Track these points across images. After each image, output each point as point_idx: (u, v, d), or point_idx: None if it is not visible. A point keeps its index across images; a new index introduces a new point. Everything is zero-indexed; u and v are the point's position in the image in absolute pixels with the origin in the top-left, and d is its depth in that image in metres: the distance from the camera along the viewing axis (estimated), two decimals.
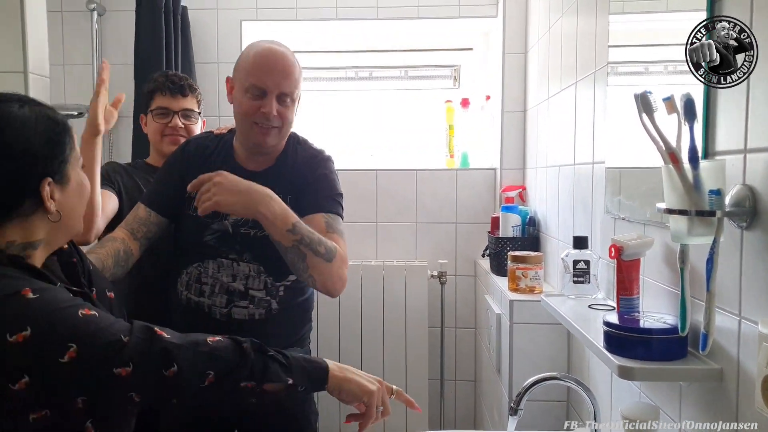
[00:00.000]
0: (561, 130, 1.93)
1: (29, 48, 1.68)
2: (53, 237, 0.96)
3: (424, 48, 2.84)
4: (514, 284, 1.92)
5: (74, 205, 0.98)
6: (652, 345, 0.98)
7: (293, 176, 1.49)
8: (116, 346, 0.86)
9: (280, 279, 1.45)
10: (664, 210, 0.90)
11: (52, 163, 0.92)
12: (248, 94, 1.41)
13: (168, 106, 1.85)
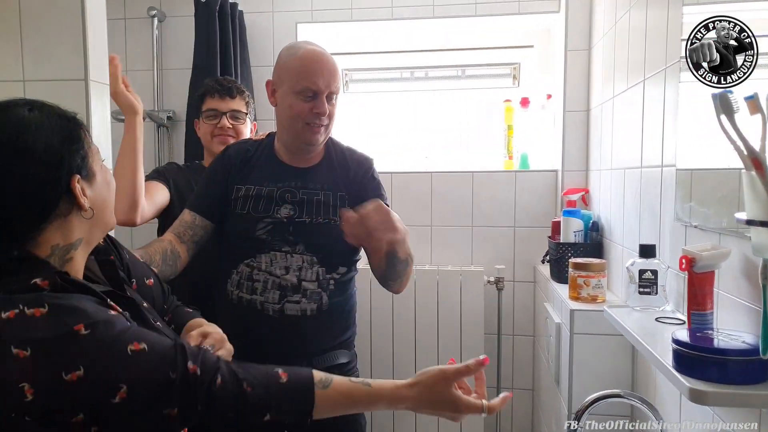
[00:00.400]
0: (627, 130, 1.82)
1: (90, 56, 1.72)
2: (91, 235, 0.96)
3: (483, 46, 2.77)
4: (576, 293, 1.82)
5: (105, 199, 0.97)
6: (728, 367, 0.90)
7: (343, 175, 1.55)
8: (164, 386, 0.85)
9: (331, 271, 1.48)
10: (744, 221, 0.81)
11: (75, 160, 0.91)
12: (300, 96, 1.44)
13: (217, 107, 1.91)
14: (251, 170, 1.54)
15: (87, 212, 0.92)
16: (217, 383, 0.89)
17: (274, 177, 1.52)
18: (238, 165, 1.55)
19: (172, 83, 2.75)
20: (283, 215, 1.48)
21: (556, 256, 2.14)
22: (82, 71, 1.71)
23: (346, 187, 1.54)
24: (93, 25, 1.73)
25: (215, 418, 0.89)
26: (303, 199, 1.50)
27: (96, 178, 0.95)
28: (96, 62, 1.75)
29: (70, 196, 0.90)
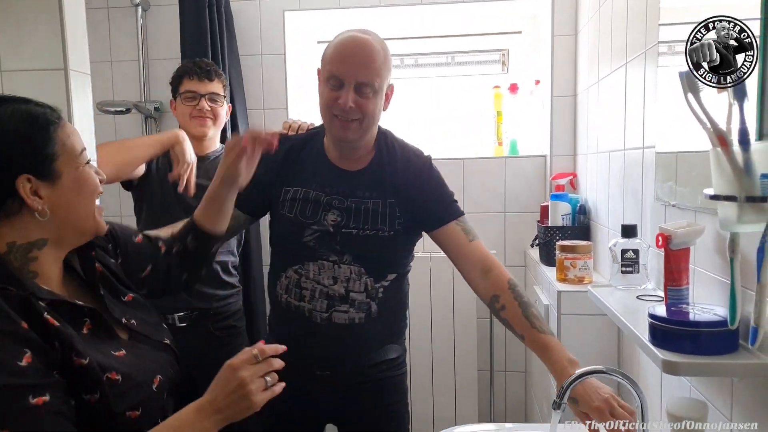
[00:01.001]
0: (611, 114, 1.85)
1: (69, 45, 1.70)
2: (58, 236, 0.93)
3: (471, 33, 2.78)
4: (563, 274, 1.86)
5: (72, 202, 0.94)
6: (699, 338, 0.93)
7: (395, 180, 1.44)
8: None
9: (380, 279, 1.43)
10: (710, 196, 0.84)
11: (30, 160, 0.89)
12: (328, 83, 1.34)
13: (196, 89, 1.94)
14: (300, 169, 1.46)
15: (41, 212, 0.90)
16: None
17: (322, 180, 1.44)
18: (285, 162, 1.47)
19: (158, 74, 2.75)
20: (330, 222, 1.41)
21: (544, 239, 2.18)
22: (61, 60, 1.70)
23: (396, 191, 1.43)
24: (71, 12, 1.70)
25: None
26: (350, 206, 1.41)
27: (61, 180, 0.92)
28: (75, 51, 1.72)
29: (18, 195, 0.88)
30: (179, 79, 1.98)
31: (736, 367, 0.90)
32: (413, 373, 2.51)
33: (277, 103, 2.67)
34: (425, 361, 2.52)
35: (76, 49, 1.73)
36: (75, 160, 0.95)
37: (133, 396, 0.92)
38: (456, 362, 2.53)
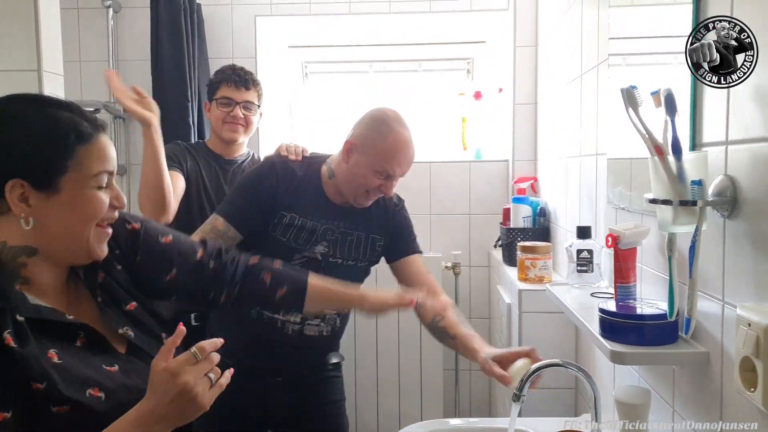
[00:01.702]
0: (568, 122, 1.95)
1: (43, 46, 1.70)
2: (48, 249, 0.91)
3: (438, 41, 2.87)
4: (524, 274, 1.95)
5: (64, 220, 0.91)
6: (643, 330, 1.02)
7: (381, 221, 1.66)
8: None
9: None
10: (650, 200, 0.93)
11: (30, 166, 0.88)
12: (376, 174, 1.52)
13: (232, 96, 2.01)
14: (298, 197, 1.56)
15: (26, 221, 0.88)
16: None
17: (320, 213, 1.57)
18: (284, 185, 1.56)
19: (128, 74, 2.75)
20: (319, 252, 1.56)
21: (507, 240, 2.27)
22: (35, 62, 1.71)
23: (380, 227, 1.65)
24: (46, 13, 1.71)
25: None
26: (338, 238, 1.58)
27: (59, 195, 0.89)
28: (49, 52, 1.73)
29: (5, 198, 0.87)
30: (217, 84, 2.04)
31: (673, 356, 0.99)
32: (381, 373, 2.58)
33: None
34: (392, 361, 2.59)
35: (50, 51, 1.74)
36: (85, 180, 0.91)
37: (113, 415, 0.86)
38: (422, 361, 2.61)
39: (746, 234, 0.84)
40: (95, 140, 0.93)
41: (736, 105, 0.86)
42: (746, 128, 0.84)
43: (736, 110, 0.86)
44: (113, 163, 0.96)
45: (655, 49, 1.25)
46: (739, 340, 0.79)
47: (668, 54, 1.12)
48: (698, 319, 0.97)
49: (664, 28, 1.16)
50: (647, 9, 1.30)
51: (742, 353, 0.79)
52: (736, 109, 0.86)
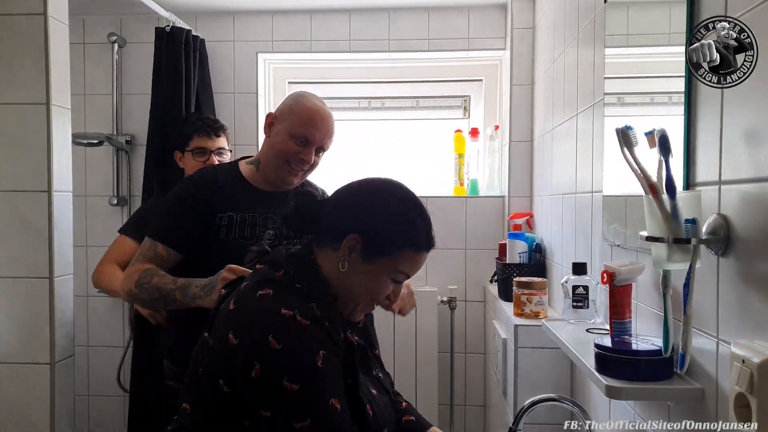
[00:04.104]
0: (564, 159, 1.99)
1: (52, 80, 1.76)
2: (340, 295, 1.10)
3: (435, 79, 2.93)
4: (519, 309, 1.96)
5: (360, 285, 1.10)
6: (638, 366, 1.03)
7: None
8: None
9: None
10: (645, 238, 0.95)
11: (376, 236, 1.08)
12: (293, 139, 1.55)
13: (205, 146, 2.10)
14: (228, 195, 1.58)
15: (342, 264, 1.07)
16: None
17: (253, 203, 1.59)
18: (214, 190, 1.58)
19: (131, 108, 2.81)
20: (266, 240, 1.56)
21: (502, 275, 2.28)
22: (44, 95, 1.75)
23: None
24: (55, 49, 1.77)
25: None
26: (280, 224, 1.59)
27: (370, 266, 1.08)
28: (58, 86, 1.78)
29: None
30: (189, 135, 2.11)
31: (669, 391, 1.00)
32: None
33: (247, 140, 2.75)
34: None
35: (59, 85, 1.78)
36: (394, 272, 1.11)
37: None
38: (417, 396, 2.59)
39: (739, 272, 0.86)
40: (420, 255, 1.12)
41: (728, 146, 0.89)
42: (738, 169, 0.86)
43: (729, 151, 0.89)
44: (414, 273, 1.15)
45: (650, 88, 1.29)
46: (734, 377, 0.80)
47: (663, 93, 1.16)
48: (693, 356, 0.98)
49: (659, 67, 1.20)
50: (642, 49, 1.35)
51: (737, 390, 0.80)
52: (729, 150, 0.89)
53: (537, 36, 2.51)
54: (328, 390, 0.97)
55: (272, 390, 0.95)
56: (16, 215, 1.77)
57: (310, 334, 0.98)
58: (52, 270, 1.78)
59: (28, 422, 1.74)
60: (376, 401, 1.10)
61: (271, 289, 1.04)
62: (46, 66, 1.75)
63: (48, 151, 1.76)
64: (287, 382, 0.95)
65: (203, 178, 1.62)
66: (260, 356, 0.96)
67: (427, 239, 1.13)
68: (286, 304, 1.00)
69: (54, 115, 1.77)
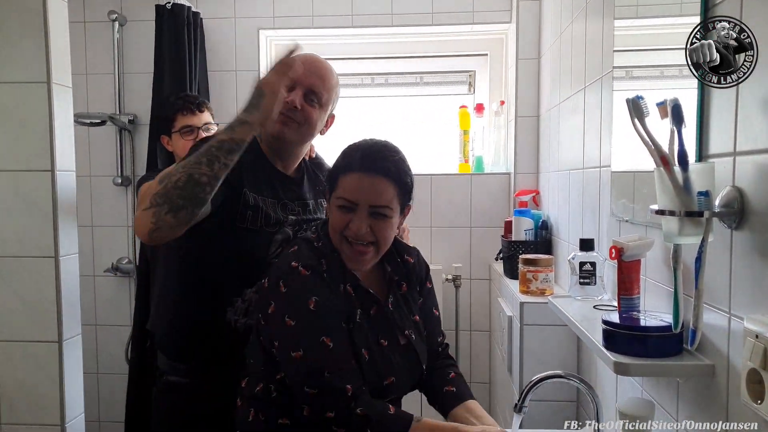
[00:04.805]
0: (571, 134, 1.96)
1: (52, 59, 1.74)
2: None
3: (439, 54, 2.89)
4: (525, 287, 1.94)
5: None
6: (647, 342, 1.01)
7: (317, 184, 1.58)
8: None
9: None
10: (655, 211, 0.93)
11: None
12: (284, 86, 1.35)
13: (191, 123, 2.07)
14: (248, 172, 1.39)
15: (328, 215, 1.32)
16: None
17: (273, 185, 1.44)
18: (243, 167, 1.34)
19: (133, 87, 2.78)
20: (290, 228, 1.44)
21: (508, 253, 2.26)
22: (44, 74, 1.74)
23: (323, 191, 1.53)
24: (55, 27, 1.75)
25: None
26: (299, 211, 1.48)
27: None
28: (58, 64, 1.77)
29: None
30: (172, 116, 2.08)
31: (678, 367, 0.98)
32: None
33: None
34: None
35: (59, 64, 1.77)
36: (337, 198, 1.27)
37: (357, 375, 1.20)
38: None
39: (753, 245, 0.84)
40: (349, 176, 1.27)
41: (744, 116, 0.86)
42: (755, 139, 0.84)
43: (745, 121, 0.86)
44: (352, 196, 1.27)
45: (661, 61, 1.26)
46: (746, 353, 0.79)
47: (674, 66, 1.12)
48: (703, 332, 0.96)
49: (670, 39, 1.16)
50: (652, 21, 1.31)
51: (749, 365, 0.78)
52: (745, 120, 0.86)
53: (543, 8, 2.46)
54: (320, 329, 1.19)
55: (279, 323, 1.20)
56: (19, 195, 1.76)
57: (307, 282, 1.21)
58: (57, 249, 1.78)
59: (39, 399, 1.75)
60: (383, 350, 1.27)
61: (297, 246, 1.28)
62: (45, 44, 1.73)
63: (50, 130, 1.75)
64: (287, 318, 1.19)
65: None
66: (274, 297, 1.22)
67: (360, 162, 1.26)
68: (297, 258, 1.24)
69: (55, 93, 1.76)
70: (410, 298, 1.40)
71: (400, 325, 1.33)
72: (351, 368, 1.20)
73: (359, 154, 1.28)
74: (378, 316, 1.31)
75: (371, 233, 1.26)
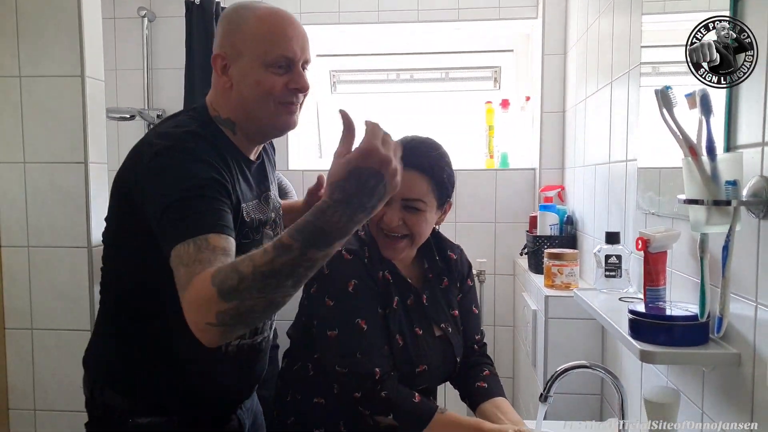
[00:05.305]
0: (597, 129, 1.96)
1: (86, 53, 1.80)
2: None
3: (465, 50, 2.90)
4: (550, 281, 1.95)
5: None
6: (673, 331, 1.02)
7: (269, 156, 1.37)
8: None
9: None
10: (683, 201, 0.94)
11: None
12: (270, 69, 1.12)
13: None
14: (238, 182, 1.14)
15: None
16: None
17: (249, 182, 1.20)
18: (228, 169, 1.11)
19: (161, 82, 2.84)
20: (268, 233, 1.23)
21: (533, 248, 2.27)
22: (79, 68, 1.79)
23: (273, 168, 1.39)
24: (89, 22, 1.80)
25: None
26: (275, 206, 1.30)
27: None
28: (92, 59, 1.83)
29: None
30: None
31: (704, 356, 0.99)
32: None
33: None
34: None
35: (93, 58, 1.82)
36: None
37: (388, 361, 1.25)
38: None
39: None
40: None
41: None
42: None
43: None
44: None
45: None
46: None
47: None
48: (729, 321, 0.97)
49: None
50: (680, 16, 1.31)
51: None
52: None
53: (569, 4, 2.46)
54: (356, 310, 1.25)
55: (320, 303, 1.27)
56: (54, 186, 1.82)
57: (348, 266, 1.27)
58: (90, 239, 1.83)
59: (71, 387, 1.81)
60: (418, 339, 1.32)
61: None
62: (80, 39, 1.78)
63: (83, 122, 1.80)
64: (327, 298, 1.26)
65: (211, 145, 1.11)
66: (317, 278, 1.23)
67: None
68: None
69: (88, 86, 1.81)
70: (450, 293, 1.44)
71: (436, 318, 1.38)
72: (383, 352, 1.25)
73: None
74: (414, 307, 1.36)
75: (405, 226, 1.29)
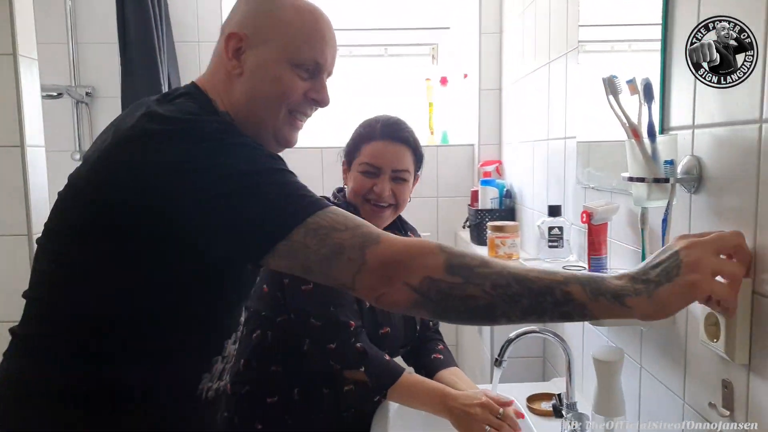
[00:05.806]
0: (535, 107, 2.06)
1: (18, 30, 1.71)
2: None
3: (403, 27, 2.94)
4: (494, 252, 2.05)
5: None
6: None
7: None
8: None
9: None
10: (627, 178, 1.03)
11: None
12: (297, 69, 0.97)
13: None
14: None
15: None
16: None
17: None
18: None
19: (89, 57, 2.71)
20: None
21: (475, 221, 2.38)
22: (10, 46, 1.71)
23: None
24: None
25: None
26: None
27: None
28: (24, 36, 1.74)
29: None
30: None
31: None
32: None
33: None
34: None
35: (25, 35, 1.73)
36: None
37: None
38: None
39: (709, 207, 0.95)
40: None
41: (701, 93, 0.97)
42: (710, 114, 0.94)
43: (701, 98, 0.97)
44: None
45: (626, 36, 1.35)
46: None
47: (639, 41, 1.22)
48: None
49: (635, 15, 1.26)
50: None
51: (707, 310, 0.90)
52: (701, 97, 0.97)
53: None
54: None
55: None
56: None
57: None
58: (30, 227, 1.77)
59: None
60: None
61: None
62: (10, 15, 1.69)
63: (18, 104, 1.72)
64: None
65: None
66: None
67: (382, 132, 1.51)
68: None
69: (21, 66, 1.73)
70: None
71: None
72: (353, 309, 1.32)
73: (380, 125, 1.48)
74: None
75: (393, 196, 1.44)
